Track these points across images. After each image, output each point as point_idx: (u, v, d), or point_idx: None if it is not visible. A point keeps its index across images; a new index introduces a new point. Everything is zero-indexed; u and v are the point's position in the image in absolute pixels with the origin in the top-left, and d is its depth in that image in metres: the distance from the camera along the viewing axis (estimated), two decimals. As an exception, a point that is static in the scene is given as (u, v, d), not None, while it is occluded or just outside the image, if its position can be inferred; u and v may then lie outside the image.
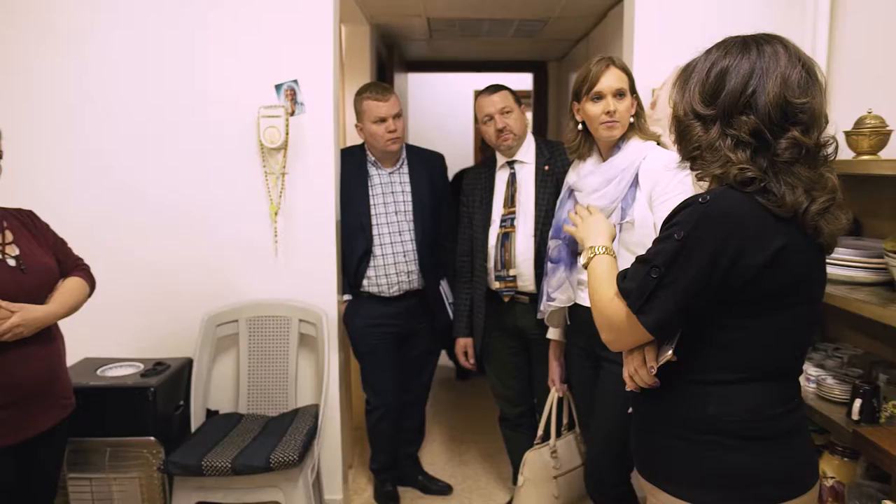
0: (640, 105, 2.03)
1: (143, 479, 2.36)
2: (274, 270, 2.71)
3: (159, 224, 2.70)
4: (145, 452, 2.34)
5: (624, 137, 2.00)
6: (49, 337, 1.96)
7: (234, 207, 2.69)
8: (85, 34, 2.64)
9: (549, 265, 2.12)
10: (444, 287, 2.90)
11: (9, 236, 1.94)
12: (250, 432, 2.46)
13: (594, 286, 1.41)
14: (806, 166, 1.19)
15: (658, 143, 2.02)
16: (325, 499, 2.78)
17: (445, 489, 3.10)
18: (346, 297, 2.84)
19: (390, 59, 4.57)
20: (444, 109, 5.90)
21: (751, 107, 1.19)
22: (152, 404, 2.32)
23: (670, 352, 1.27)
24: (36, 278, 1.93)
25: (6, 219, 1.98)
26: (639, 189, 1.93)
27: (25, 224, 2.03)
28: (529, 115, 4.50)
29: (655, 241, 1.27)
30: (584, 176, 2.03)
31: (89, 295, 2.09)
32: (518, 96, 2.54)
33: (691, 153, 1.27)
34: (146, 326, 2.72)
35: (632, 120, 2.00)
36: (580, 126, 2.05)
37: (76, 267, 2.10)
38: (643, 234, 1.89)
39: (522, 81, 5.62)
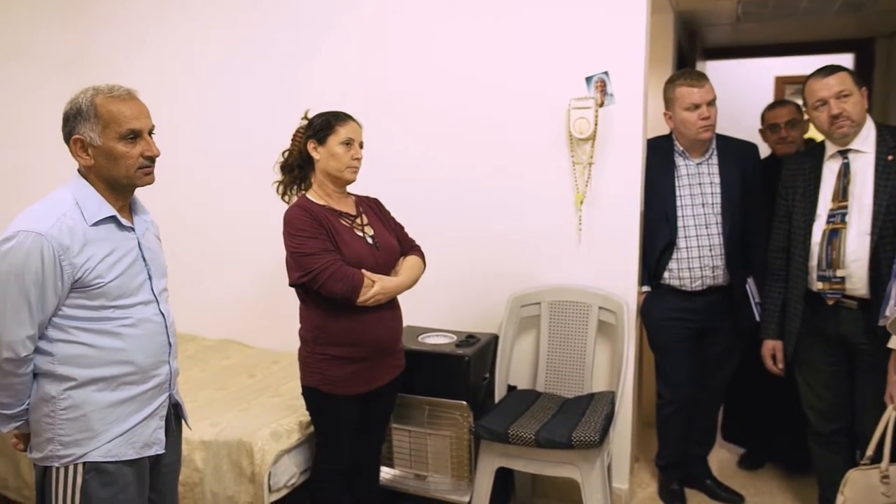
0: None
1: (454, 439, 2.61)
2: (576, 257, 2.80)
3: (471, 208, 2.94)
4: (457, 415, 2.58)
5: None
6: (395, 305, 2.28)
7: (541, 195, 2.83)
8: (407, 36, 2.99)
9: (898, 266, 1.90)
10: (750, 285, 2.74)
11: (364, 219, 2.29)
12: (549, 409, 2.59)
13: None
14: None
15: None
16: (612, 486, 2.81)
17: (736, 499, 2.93)
18: (645, 288, 2.82)
19: (691, 46, 4.40)
20: (741, 99, 5.49)
21: None
22: (466, 372, 2.54)
23: None
24: (385, 254, 2.25)
25: (361, 204, 2.34)
26: None
27: (374, 209, 2.38)
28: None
29: None
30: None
31: (422, 272, 2.37)
32: (858, 78, 2.29)
33: None
34: (457, 302, 2.99)
35: None
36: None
37: (412, 248, 2.40)
38: None
39: (841, 63, 5.00)
